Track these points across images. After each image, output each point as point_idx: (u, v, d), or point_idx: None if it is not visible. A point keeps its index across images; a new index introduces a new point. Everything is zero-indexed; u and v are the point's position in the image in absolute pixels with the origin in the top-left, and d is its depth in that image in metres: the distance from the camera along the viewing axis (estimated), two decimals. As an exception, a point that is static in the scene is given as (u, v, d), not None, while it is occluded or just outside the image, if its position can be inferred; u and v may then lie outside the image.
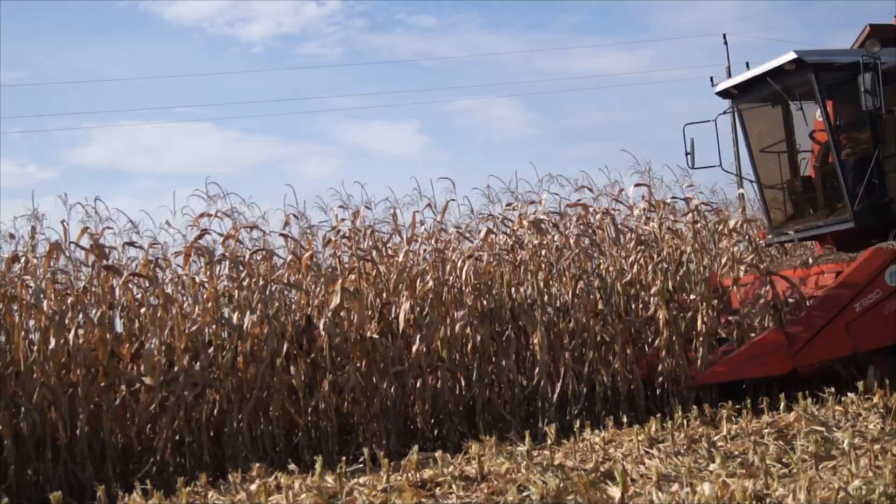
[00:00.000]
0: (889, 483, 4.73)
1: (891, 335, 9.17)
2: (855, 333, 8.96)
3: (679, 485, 5.10)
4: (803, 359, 8.82)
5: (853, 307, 9.01)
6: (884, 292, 9.14)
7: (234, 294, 8.19)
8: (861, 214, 9.99)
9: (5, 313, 7.47)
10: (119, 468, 7.41)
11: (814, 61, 9.89)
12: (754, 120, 11.25)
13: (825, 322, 8.94)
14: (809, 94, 10.17)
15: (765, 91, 10.53)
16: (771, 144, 11.06)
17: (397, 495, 5.37)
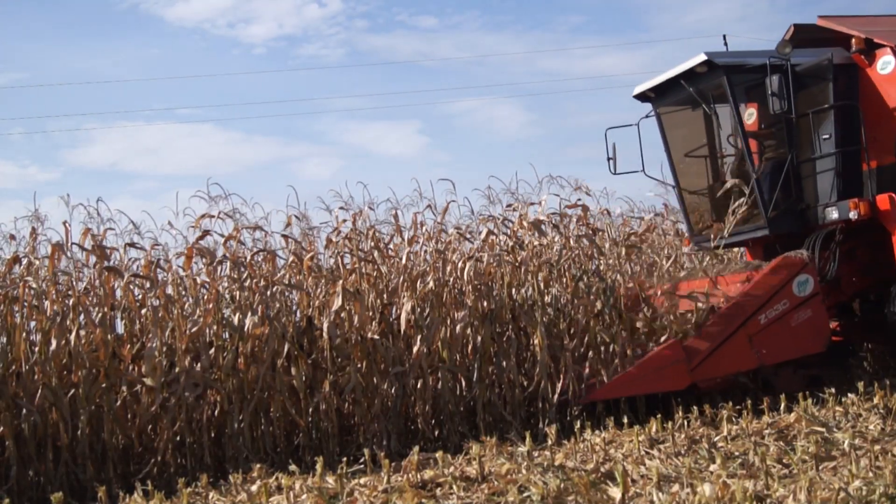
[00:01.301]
0: (889, 484, 4.73)
1: (799, 348, 8.85)
2: (760, 346, 8.63)
3: (679, 485, 5.10)
4: (703, 373, 8.45)
5: (758, 319, 8.66)
6: (791, 303, 8.80)
7: (235, 295, 8.20)
8: (775, 221, 9.63)
9: (6, 314, 7.48)
10: (120, 469, 7.41)
11: (724, 63, 9.54)
12: (675, 123, 10.80)
13: (727, 335, 8.57)
14: (725, 96, 9.77)
15: (681, 94, 10.17)
16: (695, 148, 10.65)
17: (398, 496, 5.37)
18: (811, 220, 9.63)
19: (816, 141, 9.58)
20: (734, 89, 9.57)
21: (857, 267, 9.78)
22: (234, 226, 8.55)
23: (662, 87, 10.29)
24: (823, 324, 9.01)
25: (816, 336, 8.89)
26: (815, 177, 9.66)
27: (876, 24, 10.46)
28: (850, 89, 9.71)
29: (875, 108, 9.56)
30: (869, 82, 9.67)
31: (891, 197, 9.09)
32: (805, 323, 8.79)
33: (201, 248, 8.35)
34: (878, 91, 9.60)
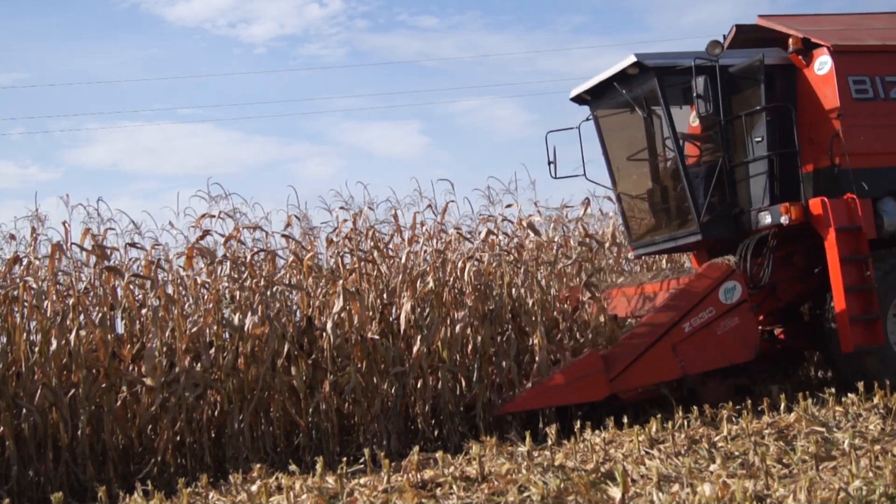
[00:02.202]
0: (889, 483, 4.73)
1: (725, 356, 8.63)
2: (683, 355, 8.38)
3: (679, 485, 5.10)
4: (623, 383, 8.21)
5: (682, 327, 8.42)
6: (717, 310, 8.57)
7: (235, 295, 8.20)
8: (708, 226, 9.34)
9: (6, 314, 7.48)
10: (120, 469, 7.42)
11: (655, 64, 9.22)
12: (613, 127, 10.45)
13: (649, 344, 8.31)
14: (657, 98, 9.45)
15: (616, 96, 9.87)
16: (637, 152, 10.26)
17: (398, 496, 5.37)
18: (745, 225, 9.38)
19: (749, 144, 9.38)
20: (665, 91, 9.29)
21: (794, 273, 9.52)
22: (234, 226, 8.56)
23: (598, 89, 10.01)
24: (751, 332, 8.76)
25: (744, 344, 8.65)
26: (748, 180, 9.45)
27: (818, 24, 10.20)
28: (787, 91, 9.49)
29: (813, 110, 9.34)
30: (806, 83, 9.44)
31: (823, 201, 8.85)
32: (732, 331, 8.58)
33: (201, 248, 8.36)
34: (815, 92, 9.37)
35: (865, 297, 8.71)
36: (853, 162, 9.02)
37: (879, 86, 9.30)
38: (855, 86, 9.21)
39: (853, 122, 9.09)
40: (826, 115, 9.20)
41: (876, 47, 9.61)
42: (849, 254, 8.72)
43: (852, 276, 8.70)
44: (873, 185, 9.10)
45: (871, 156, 9.16)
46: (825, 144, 9.12)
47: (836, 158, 9.07)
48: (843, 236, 8.76)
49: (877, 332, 8.67)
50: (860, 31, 10.20)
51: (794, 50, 9.44)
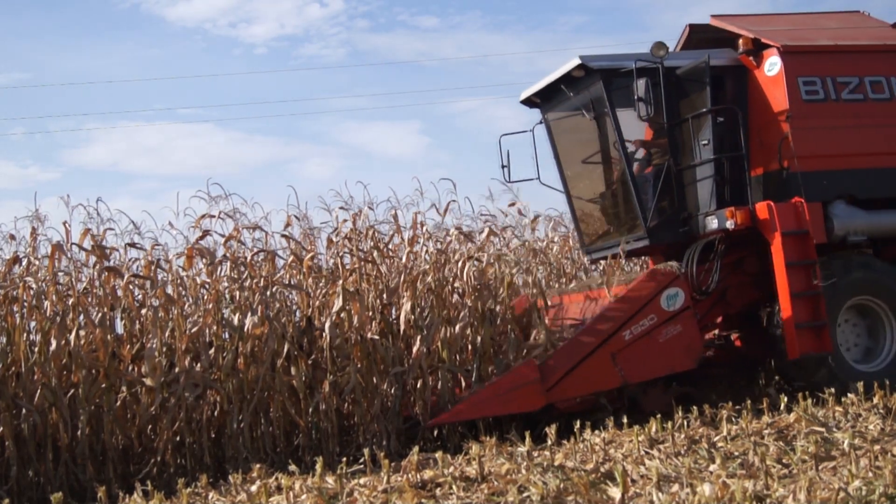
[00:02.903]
0: (889, 483, 4.73)
1: (667, 365, 8.46)
2: (623, 364, 8.18)
3: (679, 485, 5.10)
4: (560, 393, 7.99)
5: (622, 335, 8.22)
6: (659, 318, 8.37)
7: (235, 295, 8.20)
8: (656, 231, 9.18)
9: (6, 314, 7.48)
10: (120, 469, 7.41)
11: (600, 67, 9.04)
12: (564, 129, 10.23)
13: (587, 352, 8.12)
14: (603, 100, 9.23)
15: (564, 99, 9.71)
16: (590, 155, 10.05)
17: (398, 496, 5.37)
18: (694, 230, 9.19)
19: (696, 147, 9.20)
20: (611, 93, 9.10)
21: (746, 278, 9.31)
22: (234, 226, 8.55)
23: (546, 92, 9.84)
24: (695, 340, 8.60)
25: (687, 352, 8.49)
26: (695, 184, 9.26)
27: (771, 23, 10.00)
28: (738, 92, 9.32)
29: (763, 112, 9.18)
30: (757, 85, 9.26)
31: (769, 205, 8.70)
32: (674, 339, 8.39)
33: (201, 248, 8.36)
34: (765, 94, 9.20)
35: (813, 303, 8.53)
36: (803, 165, 8.84)
37: (831, 87, 9.13)
38: (805, 87, 9.04)
39: (803, 123, 8.92)
40: (775, 117, 9.04)
41: (828, 47, 9.42)
42: (795, 259, 8.56)
43: (799, 281, 8.52)
44: (824, 188, 8.94)
45: (822, 158, 8.98)
46: (775, 147, 8.99)
47: (785, 161, 8.92)
48: (790, 241, 8.60)
49: (824, 339, 8.48)
50: (813, 30, 9.99)
51: (744, 51, 9.28)
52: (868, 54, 9.49)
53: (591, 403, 8.24)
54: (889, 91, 9.31)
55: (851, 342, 9.04)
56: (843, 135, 9.11)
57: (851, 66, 9.29)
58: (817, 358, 8.49)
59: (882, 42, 9.65)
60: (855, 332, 9.08)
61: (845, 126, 9.13)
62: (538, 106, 10.22)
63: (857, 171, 9.14)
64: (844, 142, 9.12)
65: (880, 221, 9.21)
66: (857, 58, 9.41)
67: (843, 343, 8.91)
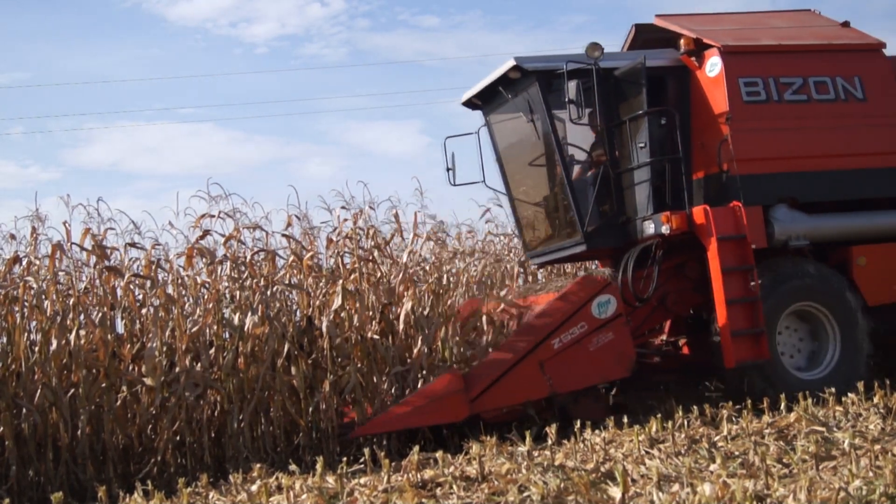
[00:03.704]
0: (889, 483, 4.72)
1: (598, 373, 8.27)
2: (552, 373, 7.94)
3: (679, 485, 5.10)
4: (486, 403, 7.78)
5: (550, 343, 7.99)
6: (590, 326, 8.15)
7: (235, 295, 8.20)
8: (593, 236, 8.91)
9: (7, 314, 7.48)
10: (120, 469, 7.42)
11: (535, 68, 8.77)
12: (506, 132, 9.90)
13: (514, 361, 7.89)
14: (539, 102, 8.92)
15: (504, 101, 9.42)
16: (535, 158, 9.66)
17: (398, 496, 5.37)
18: (632, 235, 8.95)
19: (634, 150, 8.92)
20: (548, 95, 8.80)
21: (687, 283, 8.98)
22: (234, 226, 8.55)
23: (486, 94, 9.58)
24: (626, 348, 8.33)
25: (619, 361, 8.27)
26: (633, 188, 9.00)
27: (717, 23, 9.71)
28: (680, 93, 9.10)
29: (704, 114, 8.96)
30: (699, 86, 9.03)
31: (705, 209, 8.45)
32: (605, 347, 8.17)
33: (201, 248, 8.36)
34: (706, 95, 8.96)
35: (750, 309, 8.31)
36: (743, 168, 8.64)
37: (773, 88, 8.89)
38: (746, 88, 8.80)
39: (743, 125, 8.71)
40: (716, 119, 8.82)
41: (770, 47, 9.18)
42: (732, 264, 8.34)
43: (735, 287, 8.29)
44: (764, 191, 8.74)
45: (763, 161, 8.78)
46: (715, 149, 8.77)
47: (725, 164, 8.72)
48: (726, 246, 8.36)
49: (762, 346, 8.25)
50: (759, 30, 9.69)
51: (685, 51, 9.06)
52: (813, 54, 9.23)
53: (519, 414, 8.01)
54: (834, 92, 9.07)
55: (794, 349, 8.83)
56: (786, 137, 8.89)
57: (795, 67, 9.06)
58: (754, 366, 8.27)
59: (828, 41, 9.40)
60: (797, 339, 8.87)
61: (788, 128, 8.90)
62: (480, 108, 9.98)
63: (800, 173, 8.92)
64: (787, 144, 8.90)
65: (823, 225, 8.98)
66: (802, 58, 9.17)
67: (785, 350, 8.70)
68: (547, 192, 9.66)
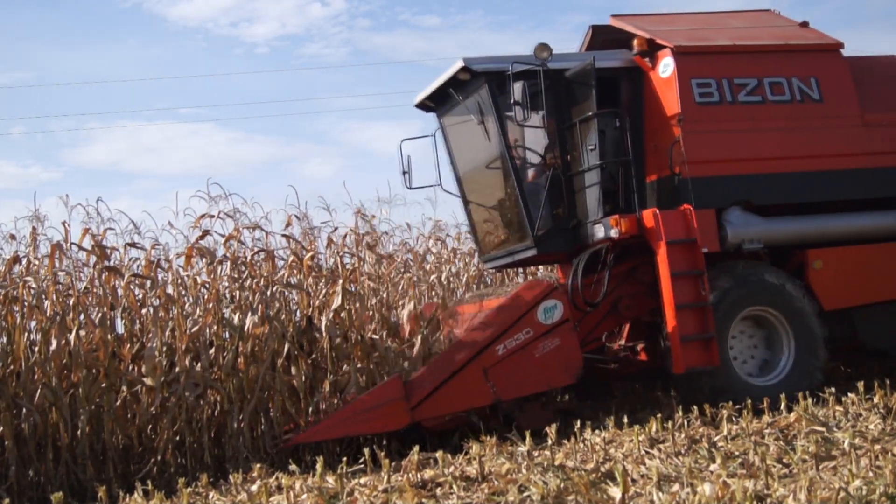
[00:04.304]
0: (889, 483, 4.72)
1: (544, 380, 8.04)
2: (496, 380, 7.75)
3: (680, 485, 5.10)
4: (427, 411, 7.59)
5: (494, 349, 7.79)
6: (535, 331, 7.93)
7: (235, 295, 8.20)
8: (544, 240, 8.74)
9: (6, 314, 7.48)
10: (120, 469, 7.42)
11: (484, 69, 8.58)
12: (460, 134, 9.68)
13: (456, 368, 7.68)
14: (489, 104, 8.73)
15: (456, 103, 9.25)
16: (491, 161, 9.31)
17: (398, 496, 5.37)
18: (583, 239, 8.77)
19: (584, 152, 8.73)
20: (497, 97, 8.60)
21: (640, 287, 8.78)
22: (234, 226, 8.56)
23: (438, 96, 9.41)
24: (573, 354, 8.11)
25: (565, 368, 8.06)
26: (584, 191, 8.81)
27: (672, 23, 9.53)
28: (634, 95, 8.95)
29: (657, 116, 8.79)
30: (652, 87, 8.87)
31: (655, 213, 8.27)
32: (552, 353, 7.97)
33: (201, 248, 8.36)
34: (659, 96, 8.78)
35: (700, 315, 8.12)
36: (695, 170, 8.48)
37: (727, 89, 8.74)
38: (699, 89, 8.65)
39: (695, 127, 8.55)
40: (668, 121, 8.66)
41: (724, 47, 9.00)
42: (681, 269, 8.15)
43: (685, 292, 8.12)
44: (717, 194, 8.57)
45: (715, 163, 8.61)
46: (668, 152, 8.59)
47: (676, 167, 8.54)
48: (675, 250, 8.18)
49: (712, 352, 8.08)
50: (714, 30, 9.52)
51: (638, 51, 8.90)
52: (768, 54, 9.07)
53: (462, 422, 7.87)
54: (790, 93, 8.91)
55: (748, 354, 8.65)
56: (740, 138, 8.73)
57: (750, 67, 8.89)
58: (704, 372, 8.11)
59: (784, 42, 9.22)
60: (751, 344, 8.69)
61: (742, 129, 8.73)
62: (433, 110, 9.81)
63: (755, 176, 8.74)
64: (741, 146, 8.74)
65: (778, 228, 8.82)
66: (757, 58, 9.01)
67: (738, 356, 8.55)
68: (499, 195, 9.41)
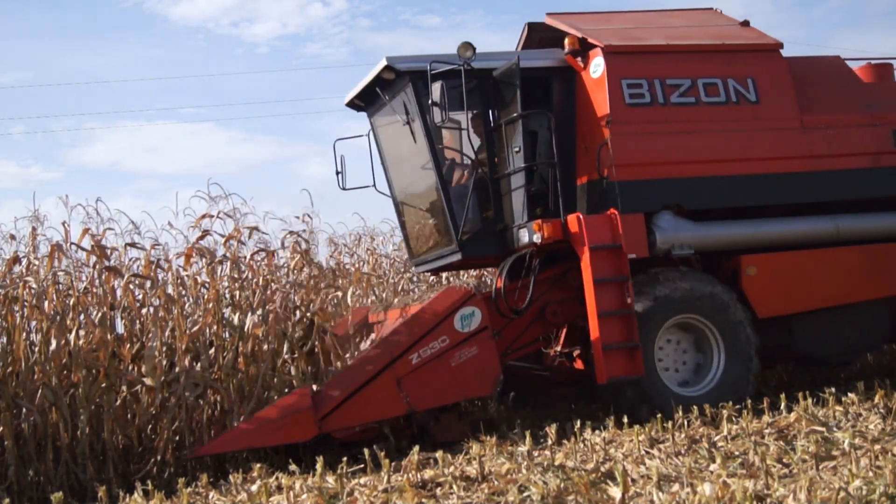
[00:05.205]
0: (889, 483, 4.72)
1: (460, 391, 7.81)
2: (410, 390, 7.50)
3: (679, 485, 5.10)
4: (336, 423, 7.34)
5: (408, 358, 7.54)
6: (452, 340, 7.68)
7: (235, 295, 8.20)
8: (468, 245, 8.51)
9: (6, 314, 7.48)
10: (120, 469, 7.41)
11: (408, 68, 8.33)
12: (391, 134, 9.41)
13: (367, 378, 7.45)
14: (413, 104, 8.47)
15: (384, 103, 9.04)
16: (412, 162, 9.16)
17: (398, 495, 5.37)
18: (510, 243, 8.53)
19: (510, 155, 8.51)
20: (421, 97, 8.31)
21: (569, 293, 8.41)
22: (234, 226, 8.55)
23: (366, 96, 9.19)
24: (491, 363, 7.85)
25: (482, 377, 7.82)
26: (510, 194, 8.57)
27: (607, 22, 9.29)
28: (566, 95, 8.73)
29: (588, 117, 8.57)
30: (584, 88, 8.64)
31: (579, 217, 8.02)
32: (469, 362, 7.72)
33: (201, 248, 8.36)
34: (590, 97, 8.56)
35: (624, 322, 7.83)
36: (623, 173, 8.24)
37: (659, 90, 8.49)
38: (629, 90, 8.41)
39: (624, 129, 8.32)
40: (598, 122, 8.44)
41: (658, 47, 8.77)
42: (605, 275, 7.88)
43: (609, 299, 7.83)
44: (647, 198, 8.34)
45: (645, 166, 8.40)
46: (596, 154, 8.36)
47: (605, 170, 8.31)
48: (599, 255, 7.90)
49: (636, 361, 7.77)
50: (650, 29, 9.25)
51: (569, 51, 8.66)
52: (704, 54, 8.81)
53: (374, 433, 7.64)
54: (725, 94, 8.66)
55: (679, 363, 8.44)
56: (671, 141, 8.47)
57: (684, 68, 8.65)
58: (628, 382, 7.86)
59: (720, 41, 8.98)
60: (681, 353, 8.46)
61: (673, 131, 8.48)
62: (363, 109, 9.59)
63: (686, 179, 8.50)
64: (672, 148, 8.49)
65: (710, 233, 8.54)
66: (691, 58, 8.75)
67: (668, 366, 8.35)
68: (427, 197, 9.17)
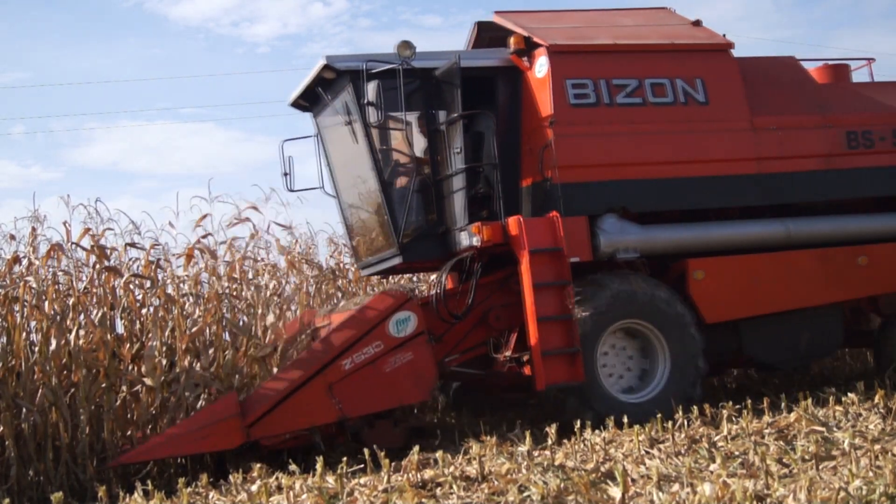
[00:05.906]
0: (889, 483, 4.72)
1: (395, 397, 7.63)
2: (342, 396, 7.34)
3: (679, 485, 5.10)
4: (264, 430, 7.17)
5: (340, 364, 7.39)
6: (386, 345, 7.54)
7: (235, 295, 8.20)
8: (409, 248, 8.36)
9: (6, 314, 7.48)
10: (120, 469, 7.40)
11: (347, 68, 8.18)
12: (336, 135, 9.18)
13: (297, 385, 7.28)
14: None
15: (326, 103, 8.91)
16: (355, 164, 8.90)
17: (398, 495, 5.37)
18: (451, 246, 8.37)
19: (451, 156, 8.36)
20: (361, 98, 8.14)
21: (513, 297, 8.14)
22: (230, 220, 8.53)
23: (310, 96, 9.03)
24: (427, 369, 7.71)
25: (417, 383, 7.66)
26: (451, 196, 8.40)
27: (556, 21, 9.12)
28: (512, 96, 8.58)
29: (532, 118, 8.44)
30: (529, 88, 8.50)
31: (519, 220, 7.87)
32: (403, 368, 7.59)
33: (202, 248, 8.37)
34: (534, 97, 8.42)
35: (564, 328, 7.66)
36: (566, 175, 8.11)
37: (604, 90, 8.36)
38: (574, 90, 8.27)
39: (568, 130, 8.18)
40: (542, 123, 8.30)
41: (604, 47, 8.61)
42: (544, 279, 7.72)
43: (548, 304, 7.67)
44: (591, 200, 8.21)
45: (589, 168, 8.26)
46: (539, 155, 8.23)
47: (548, 171, 8.16)
48: (539, 259, 7.73)
49: (577, 368, 7.61)
50: (598, 28, 9.09)
51: (514, 50, 8.51)
52: (651, 54, 8.71)
53: (304, 440, 7.51)
54: (673, 94, 8.53)
55: (624, 368, 8.30)
56: (617, 142, 8.35)
57: (631, 68, 8.52)
58: (567, 389, 7.71)
59: (669, 41, 8.85)
60: (626, 358, 8.31)
61: (619, 133, 8.35)
62: (308, 110, 9.42)
63: (632, 181, 8.37)
64: (617, 150, 8.37)
65: (656, 237, 8.42)
66: (638, 58, 8.64)
67: (612, 372, 8.21)
68: (370, 199, 9.00)
